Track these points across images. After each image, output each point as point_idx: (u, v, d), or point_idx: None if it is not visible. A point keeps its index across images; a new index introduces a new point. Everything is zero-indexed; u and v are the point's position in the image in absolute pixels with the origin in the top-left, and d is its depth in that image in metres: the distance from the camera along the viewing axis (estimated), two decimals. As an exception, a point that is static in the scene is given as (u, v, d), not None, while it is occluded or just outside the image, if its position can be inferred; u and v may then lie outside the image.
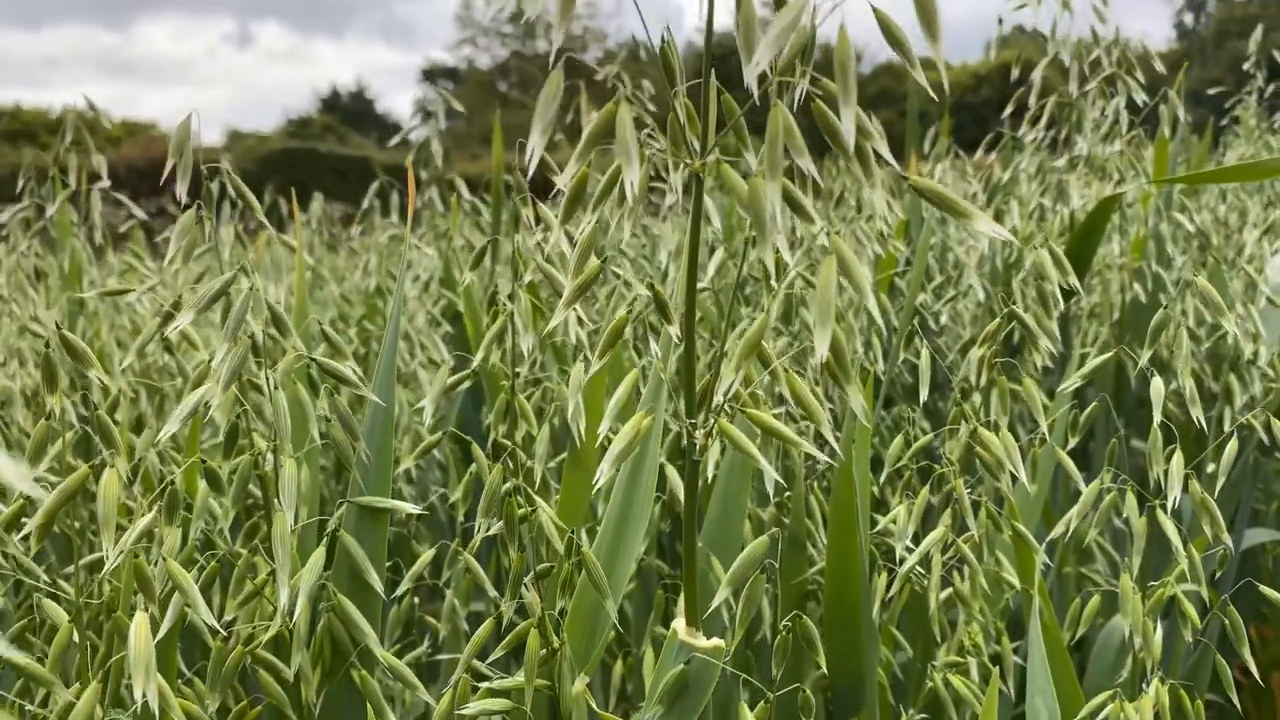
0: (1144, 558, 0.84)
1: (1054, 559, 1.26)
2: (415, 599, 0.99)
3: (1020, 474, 0.78)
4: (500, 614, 0.72)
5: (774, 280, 0.55)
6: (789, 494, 1.01)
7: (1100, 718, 0.72)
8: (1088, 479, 1.79)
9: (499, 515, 0.73)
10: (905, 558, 0.88)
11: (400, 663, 0.69)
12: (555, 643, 0.65)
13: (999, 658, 0.97)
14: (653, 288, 0.57)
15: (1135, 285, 1.41)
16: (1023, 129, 1.46)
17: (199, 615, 0.59)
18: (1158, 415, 0.80)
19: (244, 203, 0.83)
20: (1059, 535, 0.84)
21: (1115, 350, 0.84)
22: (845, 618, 0.93)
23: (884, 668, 0.99)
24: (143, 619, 0.52)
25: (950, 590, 0.95)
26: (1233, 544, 1.56)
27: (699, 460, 0.53)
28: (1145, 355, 0.82)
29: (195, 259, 0.87)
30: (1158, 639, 0.83)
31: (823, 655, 0.80)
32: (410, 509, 0.70)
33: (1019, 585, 0.94)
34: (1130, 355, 1.56)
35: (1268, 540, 1.66)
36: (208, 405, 0.65)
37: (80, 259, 1.34)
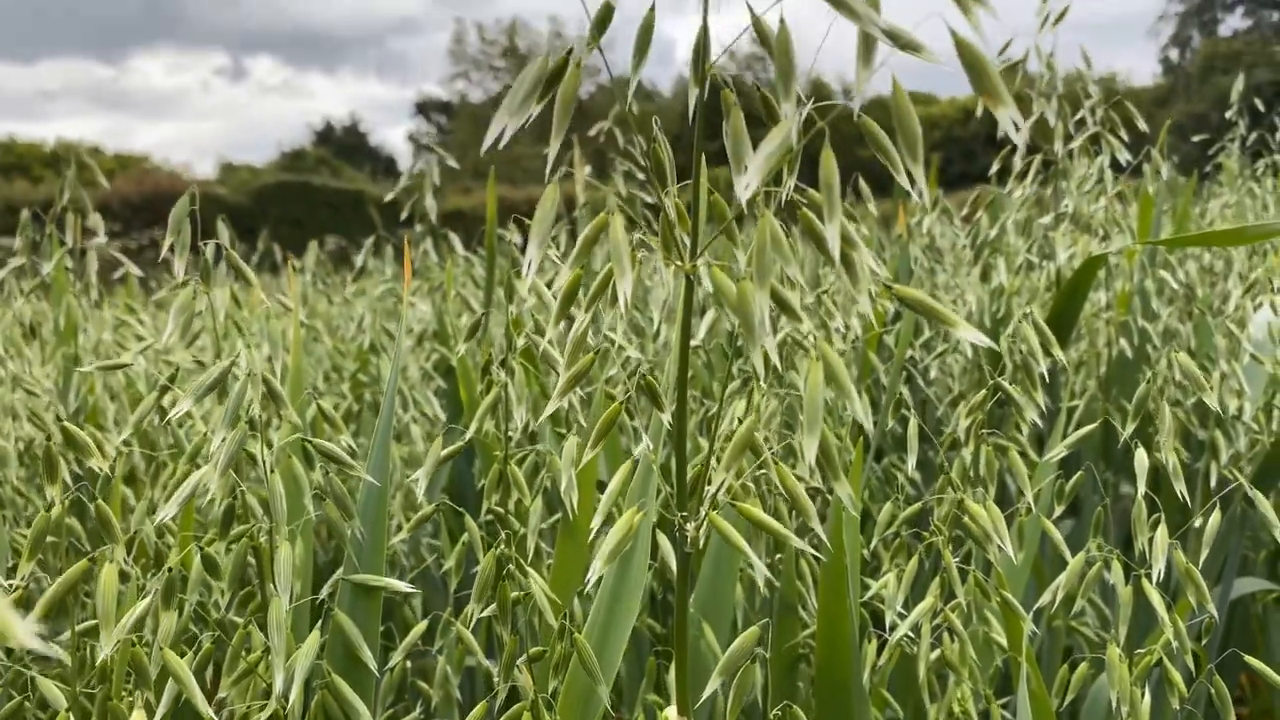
0: (1132, 613, 0.85)
1: (1042, 622, 1.27)
2: (407, 663, 0.99)
3: (1006, 547, 0.79)
4: (494, 692, 0.73)
5: (763, 380, 0.56)
6: (780, 556, 1.02)
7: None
8: (1076, 525, 1.80)
9: (493, 599, 0.74)
10: (896, 623, 0.89)
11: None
12: (548, 722, 0.66)
13: (988, 716, 0.97)
14: (645, 378, 0.59)
15: (1121, 340, 1.43)
16: (1009, 185, 1.48)
17: (195, 702, 0.60)
18: (1141, 487, 0.81)
19: (239, 274, 0.84)
20: (1047, 602, 0.85)
21: (1100, 421, 0.85)
22: (836, 682, 0.94)
23: (875, 731, 0.99)
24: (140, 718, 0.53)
25: (940, 651, 0.96)
26: (1221, 593, 1.57)
27: (690, 552, 0.54)
28: (1129, 428, 0.83)
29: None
30: (1146, 705, 0.84)
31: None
32: (404, 587, 0.71)
33: (1008, 649, 0.95)
34: (1118, 409, 1.58)
35: (1257, 589, 1.67)
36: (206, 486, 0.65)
37: (75, 315, 1.35)
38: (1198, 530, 0.93)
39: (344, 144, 28.54)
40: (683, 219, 0.58)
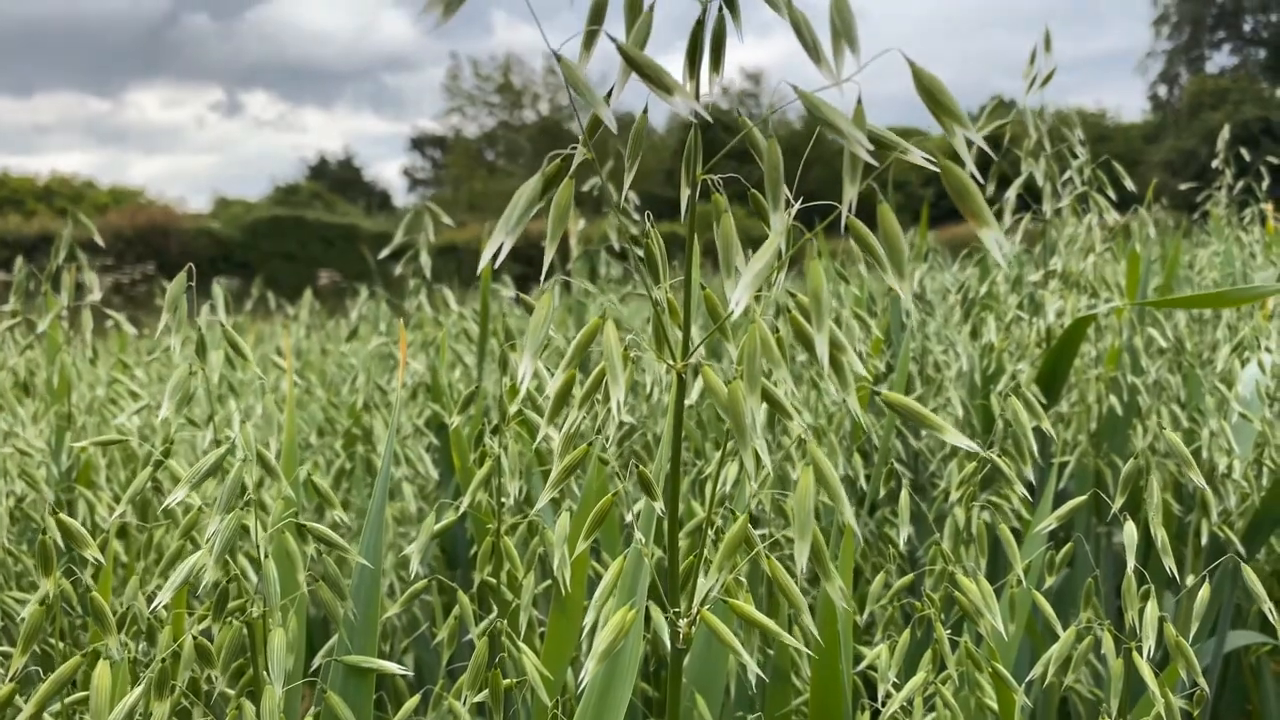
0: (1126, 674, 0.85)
1: (1034, 691, 1.27)
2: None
3: (996, 623, 0.79)
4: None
5: (753, 480, 0.57)
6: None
7: None
8: (1071, 572, 1.79)
9: (485, 684, 0.74)
10: (891, 692, 0.89)
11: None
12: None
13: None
14: (639, 469, 0.59)
15: (1111, 397, 1.43)
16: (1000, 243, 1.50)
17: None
18: (1131, 561, 0.81)
19: (234, 348, 0.84)
20: (1039, 675, 0.86)
21: (1089, 495, 0.86)
22: (829, 752, 0.94)
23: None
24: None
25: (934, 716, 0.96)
26: (1215, 647, 1.57)
27: (683, 650, 0.55)
28: (1118, 503, 0.84)
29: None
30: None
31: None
32: (396, 670, 0.71)
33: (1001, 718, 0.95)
34: (1109, 465, 1.58)
35: (1251, 642, 1.68)
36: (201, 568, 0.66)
37: (69, 372, 1.36)
38: (1189, 593, 0.94)
39: (338, 178, 28.65)
40: (674, 313, 0.59)
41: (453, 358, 1.72)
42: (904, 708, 0.92)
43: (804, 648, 0.53)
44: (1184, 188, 2.53)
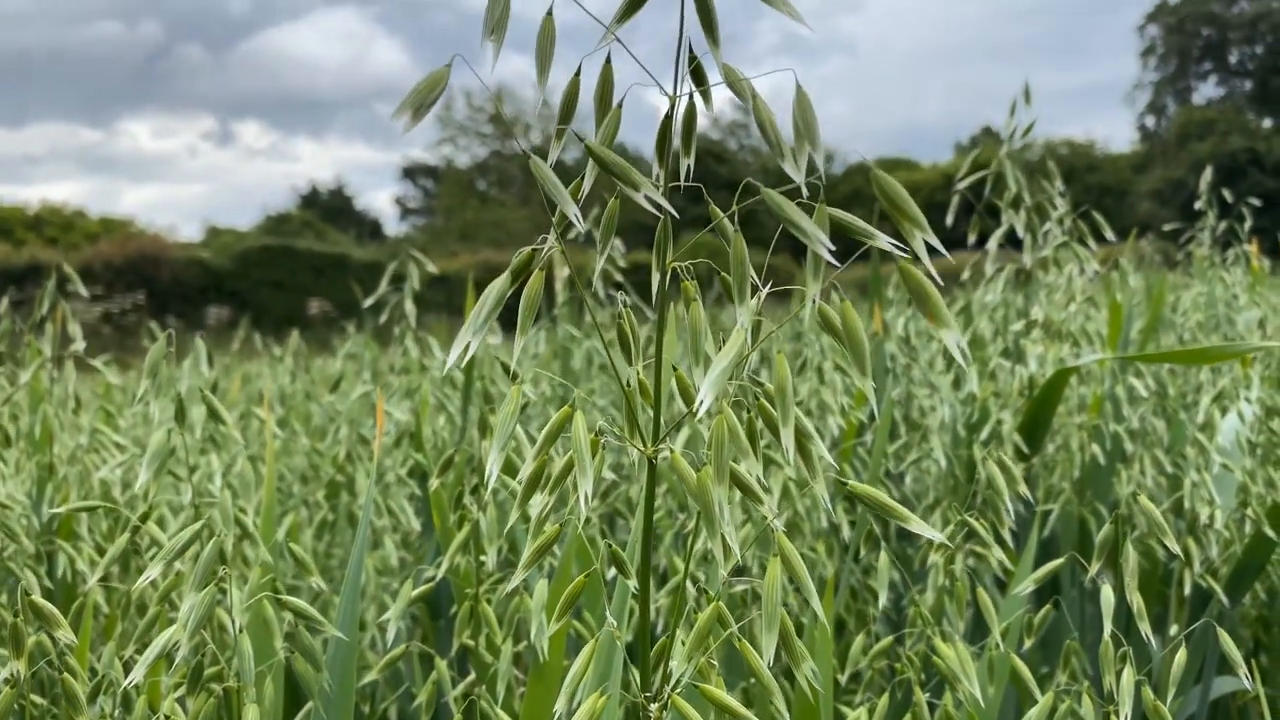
0: None
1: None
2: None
3: (974, 689, 0.79)
4: None
5: (723, 569, 0.57)
6: (753, 680, 1.02)
7: None
8: (1057, 615, 1.79)
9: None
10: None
11: None
12: None
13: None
14: (612, 548, 0.59)
15: (1094, 446, 1.44)
16: (981, 290, 1.51)
17: None
18: (1108, 627, 0.82)
19: (213, 413, 0.84)
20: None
21: (1066, 558, 0.86)
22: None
23: None
24: None
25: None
26: (1202, 693, 1.57)
27: (653, 734, 0.55)
28: (1094, 568, 0.84)
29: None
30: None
31: None
32: (372, 743, 0.70)
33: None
34: (1092, 512, 1.59)
35: (1236, 689, 1.67)
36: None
37: (51, 424, 1.35)
38: (1169, 653, 0.94)
39: (329, 206, 28.69)
40: (645, 393, 0.59)
41: (438, 403, 1.72)
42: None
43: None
44: (1168, 228, 2.55)
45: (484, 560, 0.89)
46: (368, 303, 1.47)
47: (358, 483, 1.38)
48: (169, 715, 0.65)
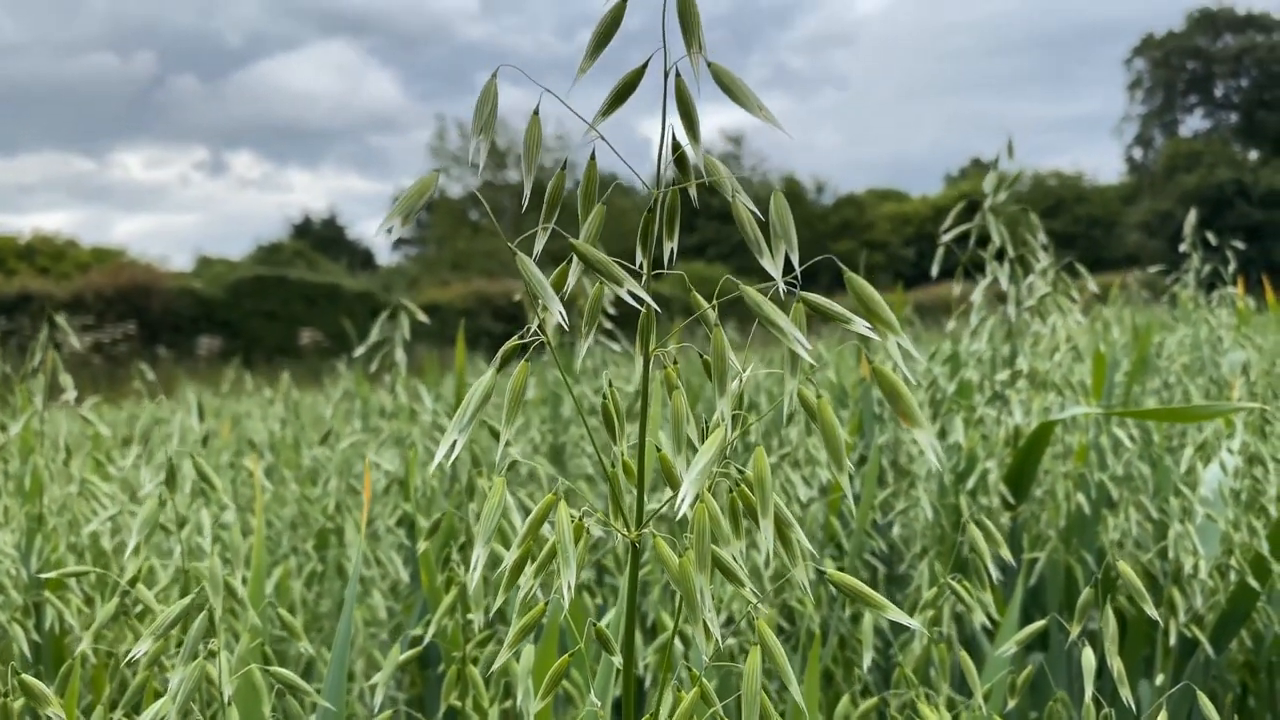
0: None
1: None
2: None
3: (959, 754, 0.80)
4: None
5: (705, 653, 0.57)
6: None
7: None
8: (1046, 655, 1.80)
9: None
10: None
11: None
12: None
13: None
14: (596, 627, 0.60)
15: (1079, 495, 1.45)
16: (967, 340, 1.52)
17: None
18: (1089, 690, 0.83)
19: (207, 484, 0.85)
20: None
21: (1048, 619, 0.87)
22: None
23: None
24: None
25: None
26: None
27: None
28: (1075, 631, 0.85)
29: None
30: None
31: None
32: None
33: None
34: (1078, 560, 1.60)
35: (1223, 735, 1.68)
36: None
37: (41, 475, 1.36)
38: (1151, 715, 0.94)
39: (322, 236, 28.74)
40: (629, 472, 0.60)
41: (427, 453, 1.73)
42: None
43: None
44: (1153, 270, 2.58)
45: (471, 619, 0.90)
46: (359, 351, 1.48)
47: (347, 533, 1.39)
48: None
